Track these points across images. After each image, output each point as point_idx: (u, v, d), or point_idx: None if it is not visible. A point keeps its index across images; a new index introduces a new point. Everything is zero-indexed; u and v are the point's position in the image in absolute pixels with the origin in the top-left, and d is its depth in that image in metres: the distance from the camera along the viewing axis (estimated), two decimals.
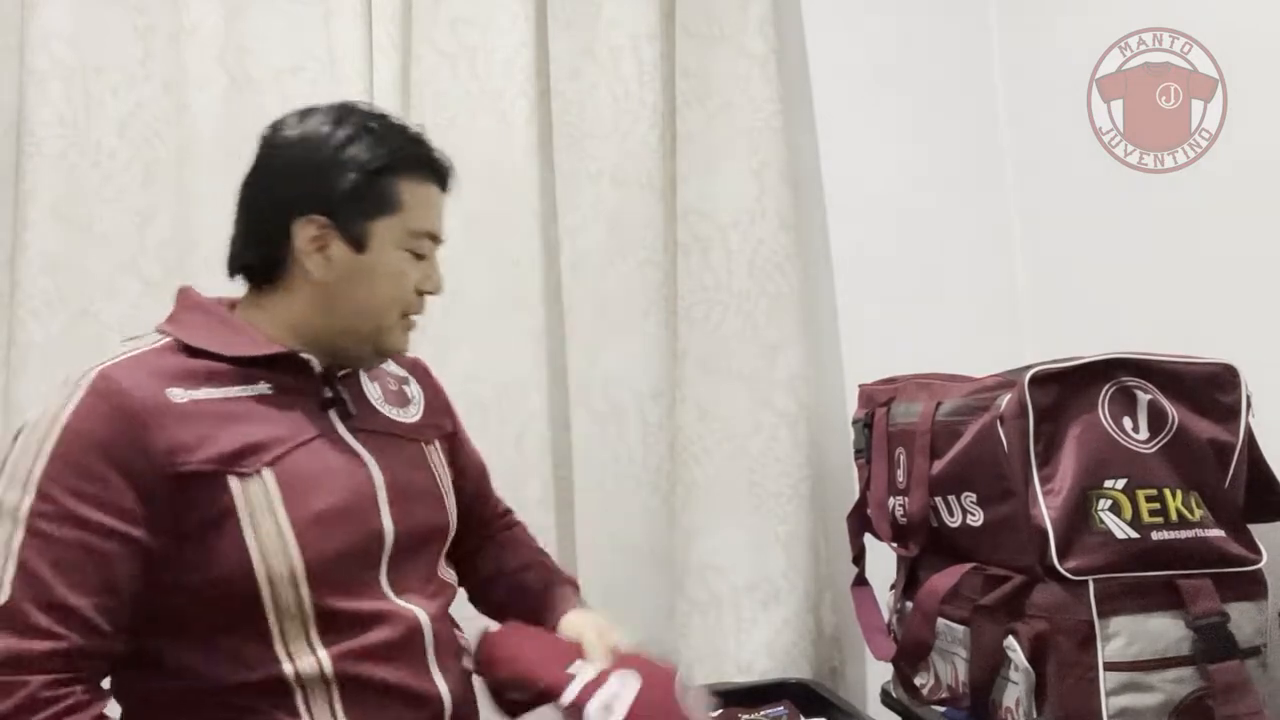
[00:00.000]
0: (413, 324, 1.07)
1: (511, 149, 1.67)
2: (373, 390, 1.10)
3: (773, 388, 1.72)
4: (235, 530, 0.91)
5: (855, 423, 1.45)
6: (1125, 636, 0.99)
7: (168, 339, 0.98)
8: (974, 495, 1.13)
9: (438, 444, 1.15)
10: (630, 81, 1.71)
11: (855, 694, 1.72)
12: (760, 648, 1.66)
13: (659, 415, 1.68)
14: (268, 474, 0.94)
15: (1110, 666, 0.99)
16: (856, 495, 1.45)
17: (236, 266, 1.04)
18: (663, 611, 1.67)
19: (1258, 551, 1.04)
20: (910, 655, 1.20)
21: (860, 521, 1.42)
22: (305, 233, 0.97)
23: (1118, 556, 1.00)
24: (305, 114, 1.02)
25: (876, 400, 1.41)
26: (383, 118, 1.03)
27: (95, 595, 0.86)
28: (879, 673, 1.44)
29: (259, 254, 1.00)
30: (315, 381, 1.01)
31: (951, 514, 1.17)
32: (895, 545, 1.34)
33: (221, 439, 0.93)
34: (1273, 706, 1.02)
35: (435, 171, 1.05)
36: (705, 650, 1.67)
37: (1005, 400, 1.06)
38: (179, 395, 0.93)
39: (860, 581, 1.43)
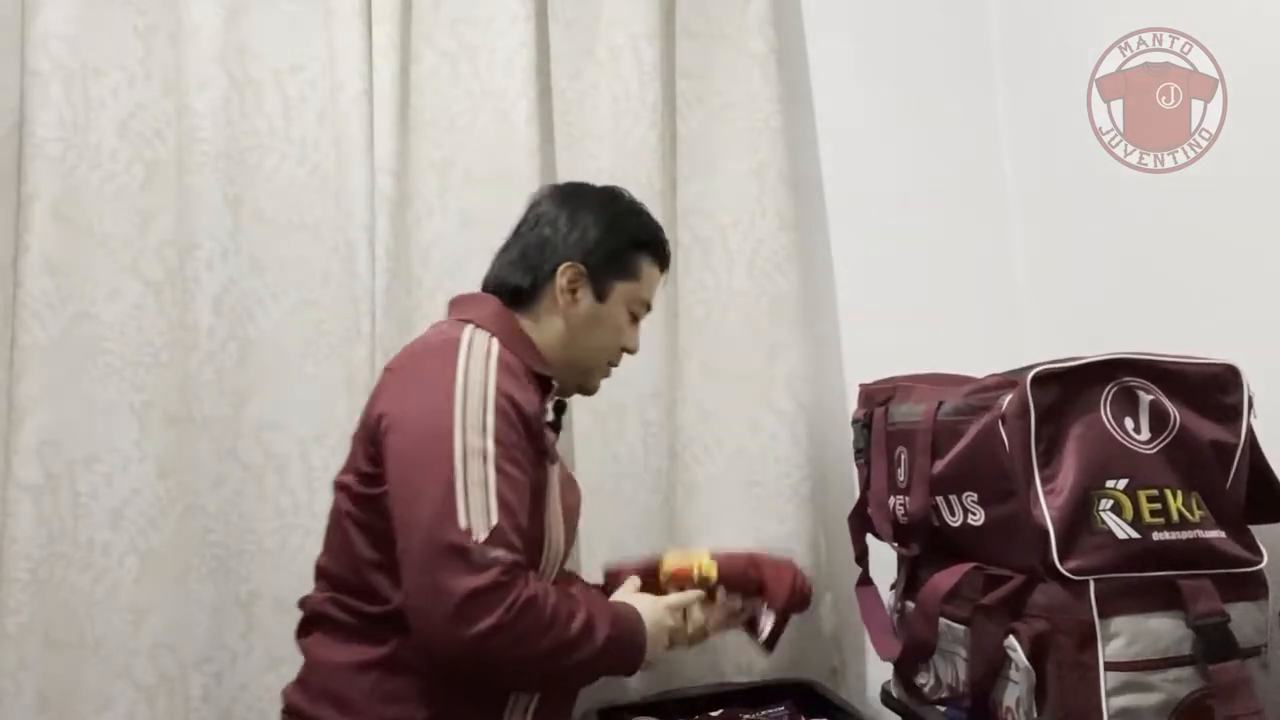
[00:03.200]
0: (610, 374, 1.32)
1: (511, 149, 1.67)
2: None
3: (773, 388, 1.72)
4: (543, 505, 1.12)
5: (855, 423, 1.45)
6: (1126, 636, 0.99)
7: (497, 337, 1.14)
8: (975, 495, 1.13)
9: None
10: (630, 81, 1.71)
11: (855, 694, 1.72)
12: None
13: (659, 415, 1.68)
14: (556, 468, 1.18)
15: (1111, 666, 0.99)
16: (856, 495, 1.45)
17: (503, 285, 1.24)
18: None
19: (1258, 552, 1.04)
20: (913, 655, 1.20)
21: (862, 521, 1.42)
22: (565, 275, 1.21)
23: (1119, 557, 1.00)
24: (580, 189, 1.30)
25: (875, 400, 1.41)
26: (646, 209, 1.33)
27: (527, 524, 1.05)
28: (879, 673, 1.44)
29: (525, 280, 1.23)
30: (544, 401, 1.19)
31: (953, 514, 1.17)
32: (896, 545, 1.34)
33: (544, 436, 1.14)
34: (1273, 707, 1.02)
35: (667, 260, 1.33)
36: (705, 650, 1.66)
37: (1007, 400, 1.06)
38: (529, 388, 1.14)
39: (864, 581, 1.43)
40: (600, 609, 1.10)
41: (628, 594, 1.23)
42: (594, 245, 1.23)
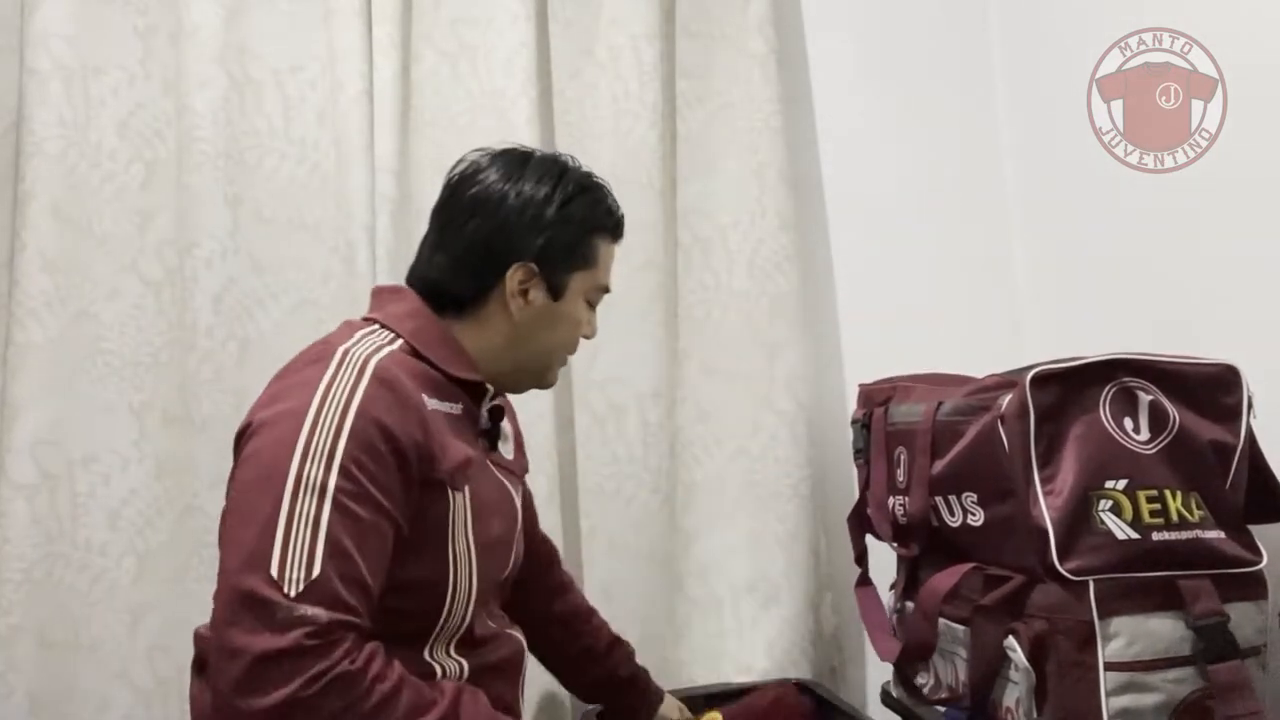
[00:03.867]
0: (566, 360, 1.20)
1: None
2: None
3: (773, 388, 1.72)
4: (443, 541, 0.98)
5: (854, 423, 1.45)
6: (1125, 637, 0.99)
7: (401, 340, 1.02)
8: (975, 495, 1.13)
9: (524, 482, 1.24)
10: (630, 81, 1.71)
11: (855, 694, 1.72)
12: (760, 648, 1.66)
13: (659, 415, 1.68)
14: (466, 493, 1.01)
15: (1110, 666, 0.99)
16: (856, 495, 1.45)
17: (440, 292, 1.08)
18: (663, 611, 1.67)
19: (1258, 553, 1.03)
20: (913, 655, 1.20)
21: (861, 522, 1.42)
22: (516, 277, 1.06)
23: (1118, 557, 1.00)
24: (520, 162, 1.10)
25: (875, 400, 1.41)
26: (591, 176, 1.14)
27: (378, 577, 0.90)
28: (879, 673, 1.44)
29: (470, 286, 1.08)
30: (477, 410, 1.08)
31: (952, 514, 1.17)
32: (896, 545, 1.34)
33: (449, 452, 0.99)
34: (1273, 707, 1.02)
35: (621, 229, 1.17)
36: (705, 650, 1.67)
37: (1006, 400, 1.06)
38: (428, 402, 0.99)
39: (864, 581, 1.43)
40: (453, 707, 0.90)
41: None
42: (547, 240, 1.07)
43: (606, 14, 1.75)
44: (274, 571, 0.84)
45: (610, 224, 1.14)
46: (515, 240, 1.07)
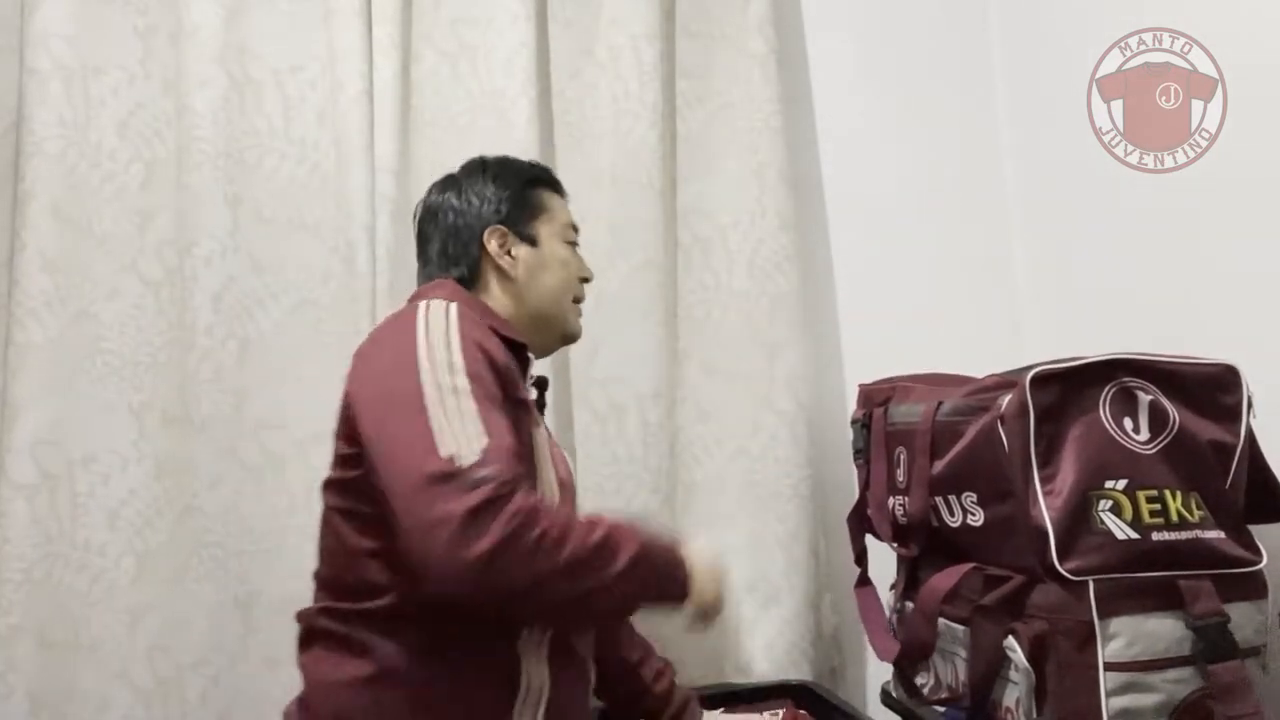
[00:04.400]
0: (580, 310, 1.30)
1: (511, 149, 1.66)
2: None
3: (773, 388, 1.72)
4: (534, 466, 1.10)
5: (854, 423, 1.45)
6: (1125, 637, 0.99)
7: (457, 304, 1.11)
8: (974, 495, 1.13)
9: None
10: (630, 81, 1.71)
11: (855, 694, 1.72)
12: (760, 648, 1.66)
13: (659, 415, 1.68)
14: (538, 431, 1.15)
15: (1110, 667, 0.99)
16: (856, 495, 1.45)
17: (431, 270, 1.25)
18: (663, 612, 1.67)
19: (1258, 553, 1.03)
20: (912, 655, 1.20)
21: (861, 522, 1.42)
22: (493, 241, 1.22)
23: (1118, 557, 1.00)
24: (450, 176, 1.30)
25: (875, 400, 1.41)
26: (510, 157, 1.33)
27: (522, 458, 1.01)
28: (879, 673, 1.44)
29: (463, 266, 1.22)
30: (523, 376, 1.17)
31: (952, 514, 1.17)
32: (895, 545, 1.34)
33: (522, 386, 1.12)
34: (1272, 707, 1.02)
35: (559, 185, 1.33)
36: (705, 650, 1.67)
37: (1006, 400, 1.06)
38: (499, 345, 1.10)
39: (863, 582, 1.43)
40: (626, 528, 1.01)
41: None
42: (498, 203, 1.24)
43: (606, 14, 1.75)
44: (444, 452, 0.93)
45: (538, 173, 1.31)
46: (475, 217, 1.23)
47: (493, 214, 1.23)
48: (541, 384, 1.29)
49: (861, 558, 1.45)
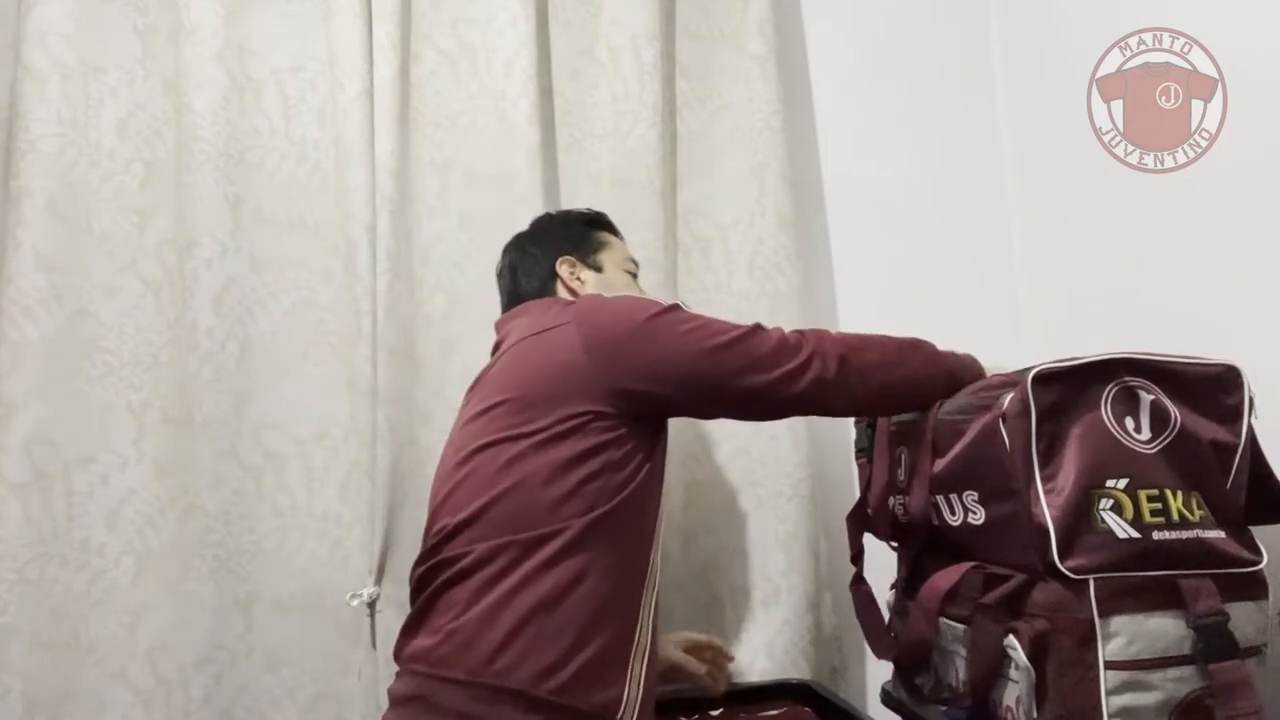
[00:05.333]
0: None
1: (511, 149, 1.67)
2: None
3: None
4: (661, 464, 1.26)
5: (858, 422, 1.45)
6: (1126, 636, 0.99)
7: None
8: (975, 494, 1.13)
9: None
10: (630, 81, 1.72)
11: (855, 694, 1.72)
12: (760, 648, 1.66)
13: None
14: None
15: (1111, 665, 0.99)
16: (857, 495, 1.45)
17: (520, 297, 1.42)
18: (663, 612, 1.67)
19: (1258, 553, 1.03)
20: (911, 654, 1.20)
21: (859, 521, 1.42)
22: (565, 267, 1.42)
23: (1119, 556, 1.00)
24: (533, 221, 1.53)
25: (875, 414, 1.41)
26: (570, 209, 1.56)
27: None
28: (879, 673, 1.44)
29: (538, 285, 1.42)
30: None
31: (953, 512, 1.17)
32: (896, 544, 1.34)
33: None
34: (1273, 707, 1.02)
35: (613, 226, 1.51)
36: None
37: (1008, 399, 1.06)
38: None
39: (859, 581, 1.43)
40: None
41: None
42: (563, 239, 1.44)
43: (606, 14, 1.75)
44: (721, 340, 1.18)
45: (591, 216, 1.50)
46: (551, 249, 1.44)
47: (562, 248, 1.43)
48: None
49: (858, 558, 1.44)
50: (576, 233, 1.46)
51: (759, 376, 1.17)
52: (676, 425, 1.71)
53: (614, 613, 1.15)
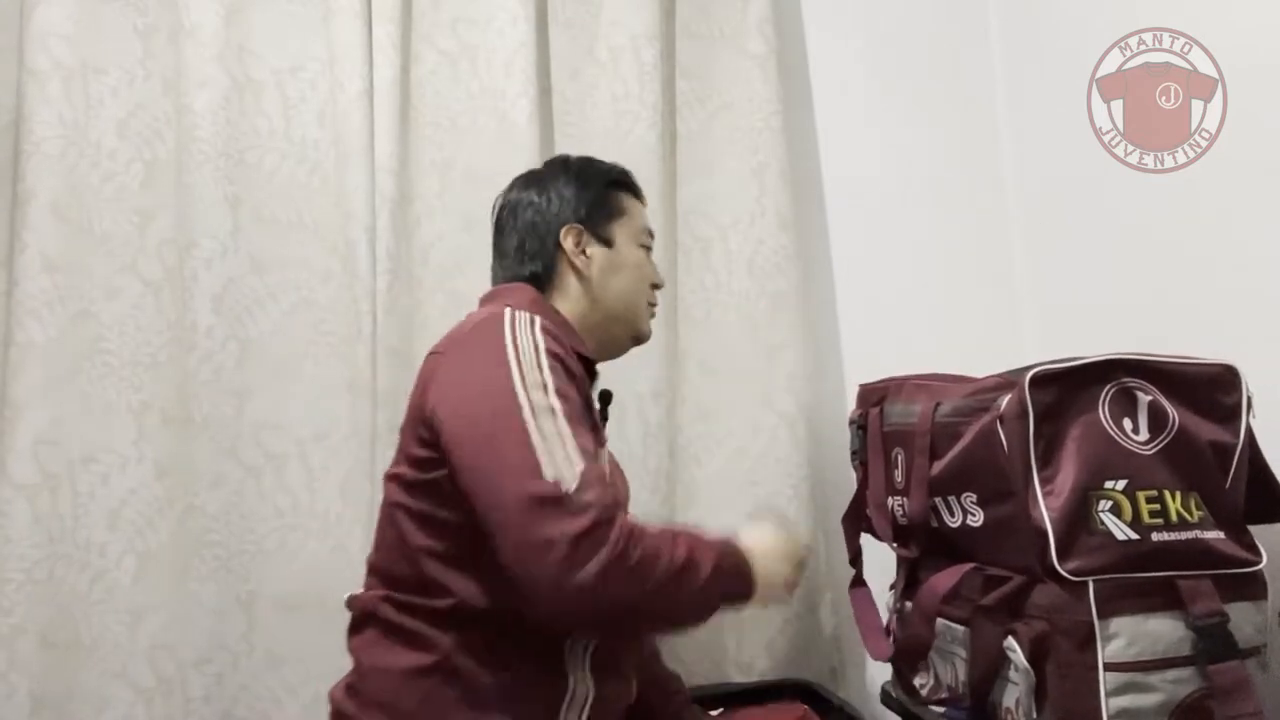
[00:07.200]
0: (654, 313, 1.31)
1: (512, 149, 1.67)
2: None
3: (773, 388, 1.72)
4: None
5: (851, 424, 1.45)
6: (1125, 637, 0.99)
7: (540, 319, 1.11)
8: (974, 495, 1.13)
9: None
10: (630, 81, 1.71)
11: (855, 694, 1.72)
12: (760, 648, 1.66)
13: (659, 415, 1.68)
14: (603, 451, 1.14)
15: (1110, 667, 0.99)
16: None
17: (515, 277, 1.25)
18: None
19: (1257, 553, 1.03)
20: (910, 655, 1.20)
21: (856, 523, 1.42)
22: (570, 238, 1.23)
23: (1118, 557, 1.00)
24: (532, 173, 1.33)
25: (870, 400, 1.41)
26: (589, 157, 1.34)
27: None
28: (879, 673, 1.44)
29: (539, 264, 1.24)
30: (590, 389, 1.18)
31: (952, 514, 1.17)
32: (895, 545, 1.34)
33: (592, 406, 1.14)
34: (1272, 707, 1.02)
35: (639, 189, 1.33)
36: (705, 650, 1.67)
37: (1005, 401, 1.06)
38: (576, 364, 1.11)
39: (858, 582, 1.43)
40: (700, 537, 1.05)
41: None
42: (576, 202, 1.25)
43: (606, 14, 1.75)
44: (549, 476, 0.95)
45: (617, 175, 1.31)
46: (553, 215, 1.24)
47: (571, 213, 1.25)
48: (605, 398, 1.29)
49: (856, 558, 1.45)
50: (593, 195, 1.27)
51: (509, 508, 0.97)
52: (676, 421, 1.72)
53: (518, 667, 1.06)
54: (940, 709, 1.19)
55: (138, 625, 1.50)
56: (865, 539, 1.44)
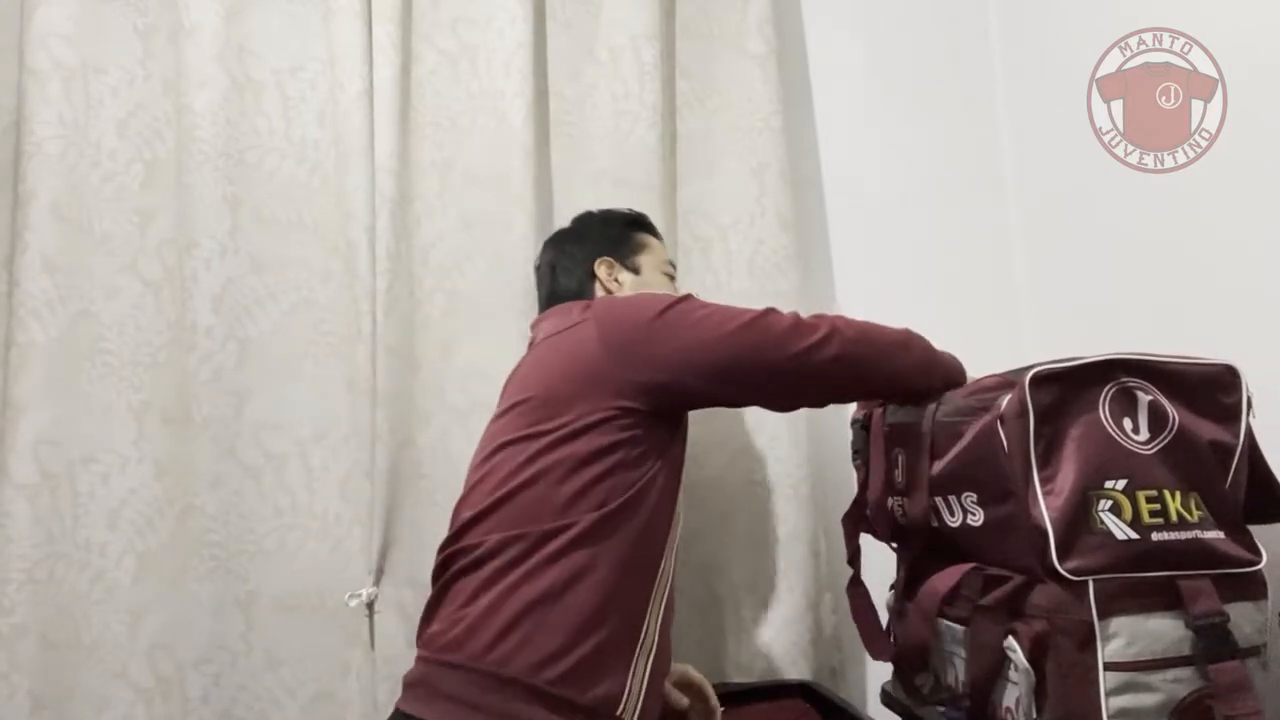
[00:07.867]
0: None
1: (511, 149, 1.67)
2: None
3: None
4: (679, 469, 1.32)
5: (853, 423, 1.45)
6: (1125, 637, 0.99)
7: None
8: (974, 495, 1.13)
9: None
10: (630, 82, 1.72)
11: (855, 694, 1.72)
12: (760, 648, 1.66)
13: None
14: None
15: (1110, 666, 0.99)
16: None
17: (558, 296, 1.45)
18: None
19: (1257, 553, 1.03)
20: (910, 656, 1.20)
21: (855, 522, 1.42)
22: (603, 268, 1.45)
23: (1118, 557, 1.00)
24: (575, 219, 1.55)
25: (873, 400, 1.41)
26: (612, 208, 1.57)
27: None
28: (879, 673, 1.44)
29: (575, 286, 1.45)
30: None
31: (952, 514, 1.17)
32: (895, 545, 1.34)
33: None
34: (1272, 707, 1.02)
35: (652, 228, 1.55)
36: (705, 650, 1.67)
37: (1006, 400, 1.06)
38: None
39: (855, 583, 1.43)
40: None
41: None
42: (602, 239, 1.47)
43: (606, 14, 1.75)
44: (740, 321, 1.23)
45: (641, 222, 1.53)
46: (590, 249, 1.47)
47: (600, 249, 1.46)
48: None
49: (854, 558, 1.44)
50: (616, 233, 1.48)
51: (777, 353, 1.20)
52: None
53: (617, 608, 1.15)
54: (940, 709, 1.19)
55: (137, 625, 1.50)
56: (865, 539, 1.44)
